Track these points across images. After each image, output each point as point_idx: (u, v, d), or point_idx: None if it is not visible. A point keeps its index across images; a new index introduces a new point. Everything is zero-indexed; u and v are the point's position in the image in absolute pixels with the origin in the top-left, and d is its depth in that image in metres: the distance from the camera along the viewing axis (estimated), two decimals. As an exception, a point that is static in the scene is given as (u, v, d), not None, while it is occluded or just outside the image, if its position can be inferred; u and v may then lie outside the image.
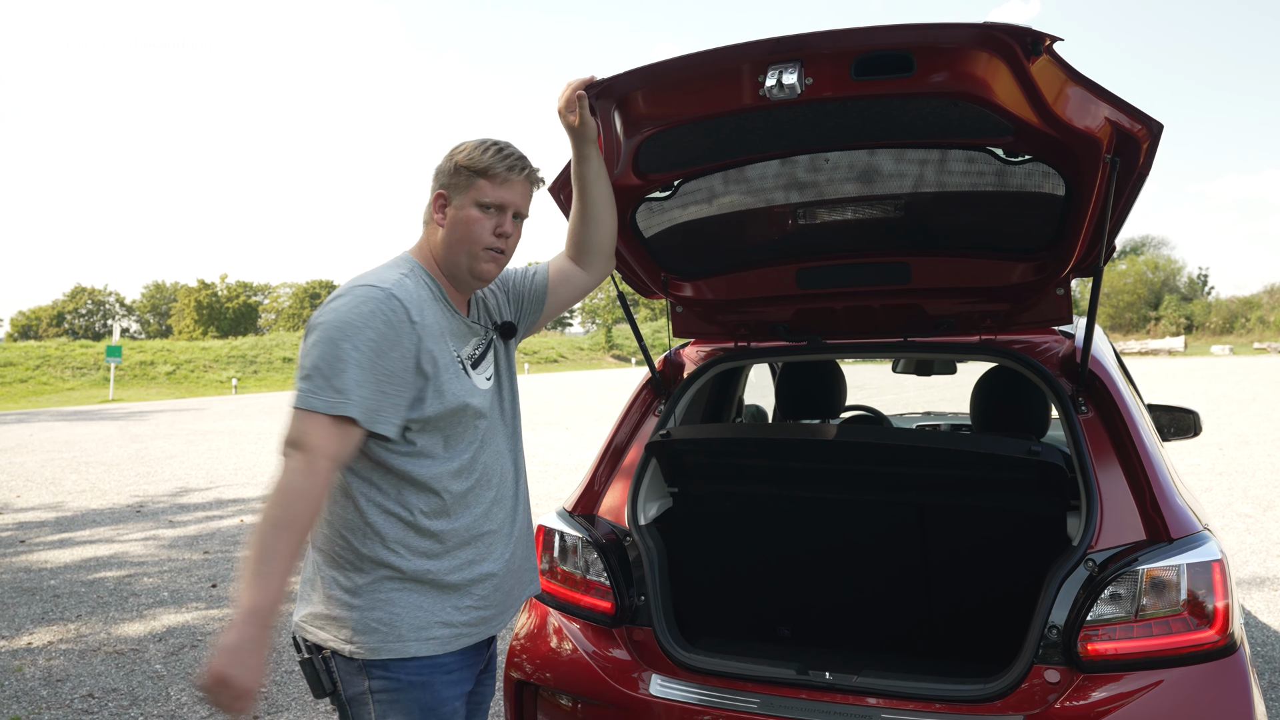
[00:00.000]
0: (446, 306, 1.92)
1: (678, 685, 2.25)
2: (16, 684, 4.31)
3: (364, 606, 1.80)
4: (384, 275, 1.85)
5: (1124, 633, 1.99)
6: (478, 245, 1.90)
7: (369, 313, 1.75)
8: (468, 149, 1.91)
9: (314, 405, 1.70)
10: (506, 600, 1.99)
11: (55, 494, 10.09)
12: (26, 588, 6.08)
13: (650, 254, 2.72)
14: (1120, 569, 2.01)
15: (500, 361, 2.06)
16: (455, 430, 1.87)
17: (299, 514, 1.66)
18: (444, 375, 1.84)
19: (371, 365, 1.73)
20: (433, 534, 1.85)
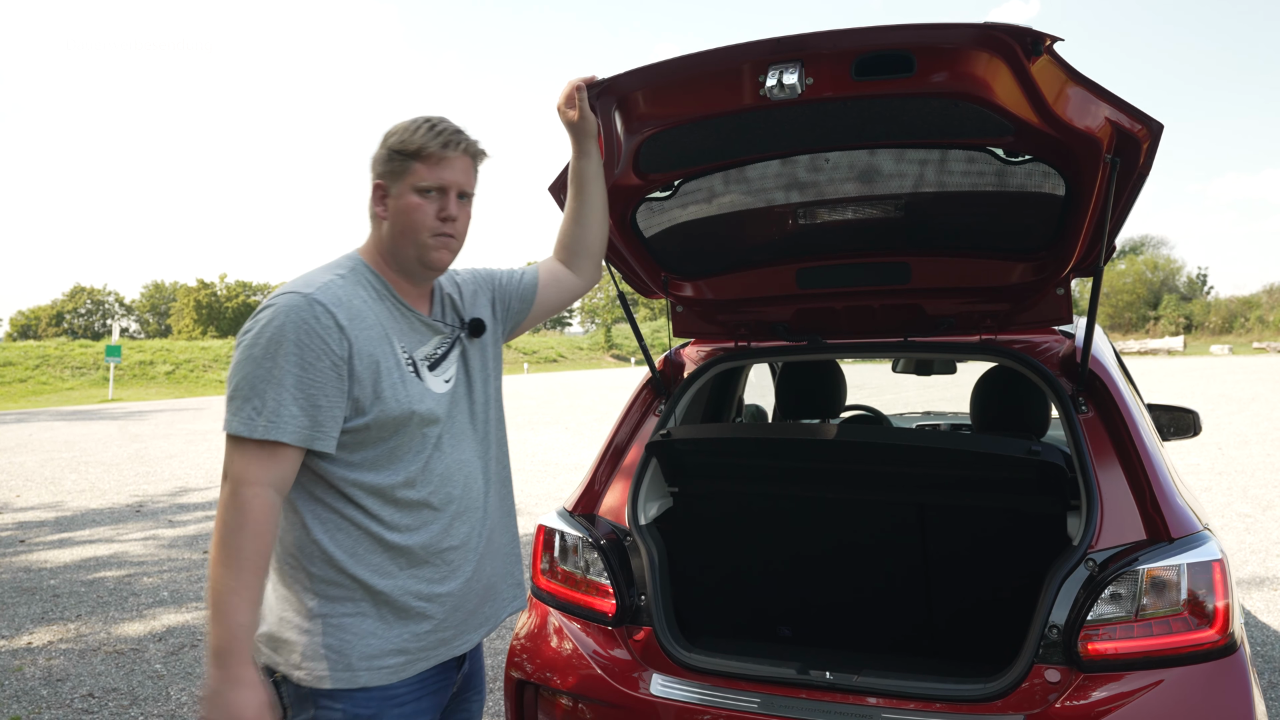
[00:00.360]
0: (395, 305, 1.80)
1: (678, 685, 2.25)
2: (17, 683, 4.31)
3: (314, 631, 1.70)
4: (312, 279, 1.72)
5: (1124, 632, 1.99)
6: (423, 233, 1.77)
7: (290, 324, 1.63)
8: (399, 131, 1.78)
9: (238, 430, 1.60)
10: (470, 621, 1.86)
11: (55, 494, 10.09)
12: (26, 587, 6.08)
13: (650, 254, 2.72)
14: (1121, 569, 2.01)
15: (470, 362, 1.93)
16: (402, 439, 1.74)
17: (242, 548, 1.57)
18: (385, 380, 1.71)
19: (298, 381, 1.62)
20: (386, 551, 1.73)
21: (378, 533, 1.72)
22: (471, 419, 1.90)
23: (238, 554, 1.57)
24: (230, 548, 1.58)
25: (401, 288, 1.84)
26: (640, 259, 2.73)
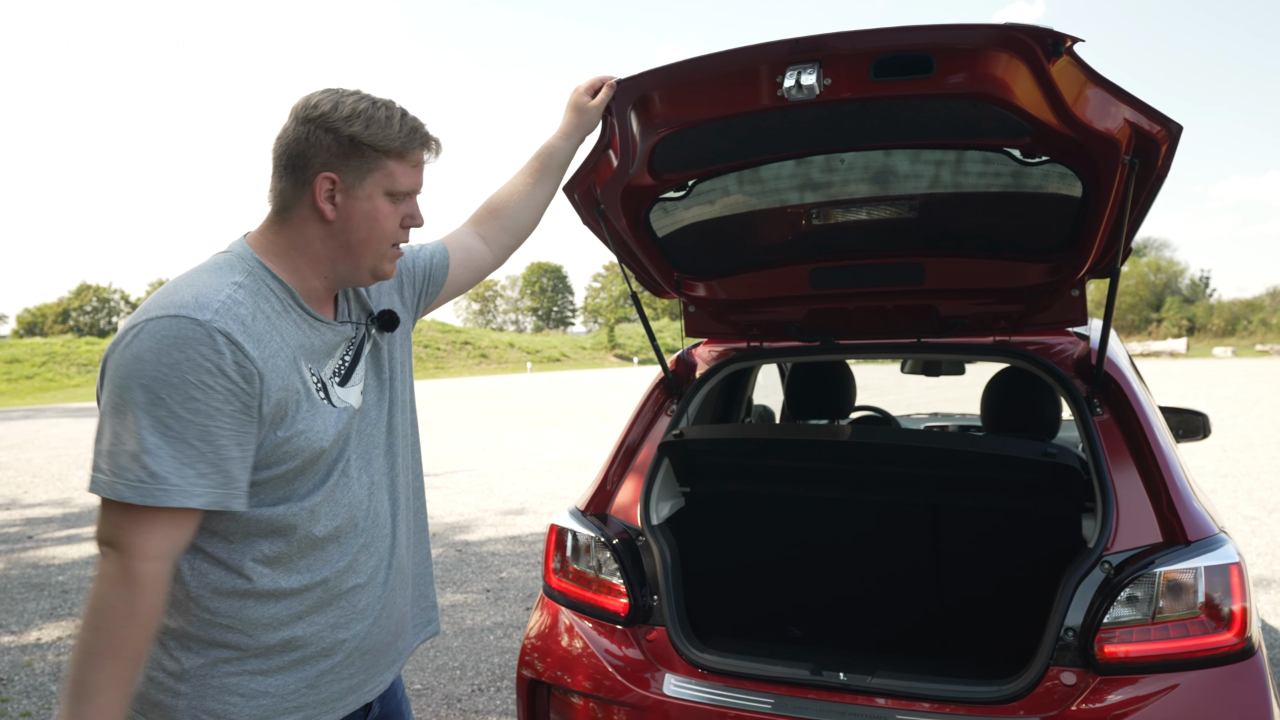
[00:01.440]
0: (302, 316, 1.47)
1: (691, 685, 2.25)
2: (26, 679, 4.32)
3: (191, 695, 1.42)
4: (207, 294, 1.36)
5: (1141, 635, 1.99)
6: (385, 244, 1.51)
7: (188, 361, 1.29)
8: (362, 117, 1.43)
9: (126, 497, 1.28)
10: (380, 662, 1.62)
11: (62, 490, 10.11)
12: (35, 583, 6.09)
13: (664, 254, 2.72)
14: (1137, 571, 2.01)
15: (380, 361, 1.63)
16: (309, 474, 1.46)
17: (121, 638, 1.28)
18: (295, 418, 1.41)
19: (202, 433, 1.30)
20: (280, 600, 1.45)
21: (270, 580, 1.44)
22: (384, 430, 1.62)
23: (119, 645, 1.29)
24: (114, 637, 1.28)
25: (314, 294, 1.51)
26: (654, 259, 2.73)
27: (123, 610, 1.29)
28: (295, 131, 1.45)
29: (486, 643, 4.76)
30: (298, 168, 1.45)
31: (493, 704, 3.97)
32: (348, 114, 1.43)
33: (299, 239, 1.48)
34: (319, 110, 1.44)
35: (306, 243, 1.48)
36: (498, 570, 6.27)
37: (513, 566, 6.36)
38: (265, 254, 1.48)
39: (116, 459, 1.30)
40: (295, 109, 1.47)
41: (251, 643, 1.44)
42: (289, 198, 1.47)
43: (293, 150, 1.45)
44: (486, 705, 3.96)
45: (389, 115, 1.47)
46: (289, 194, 1.47)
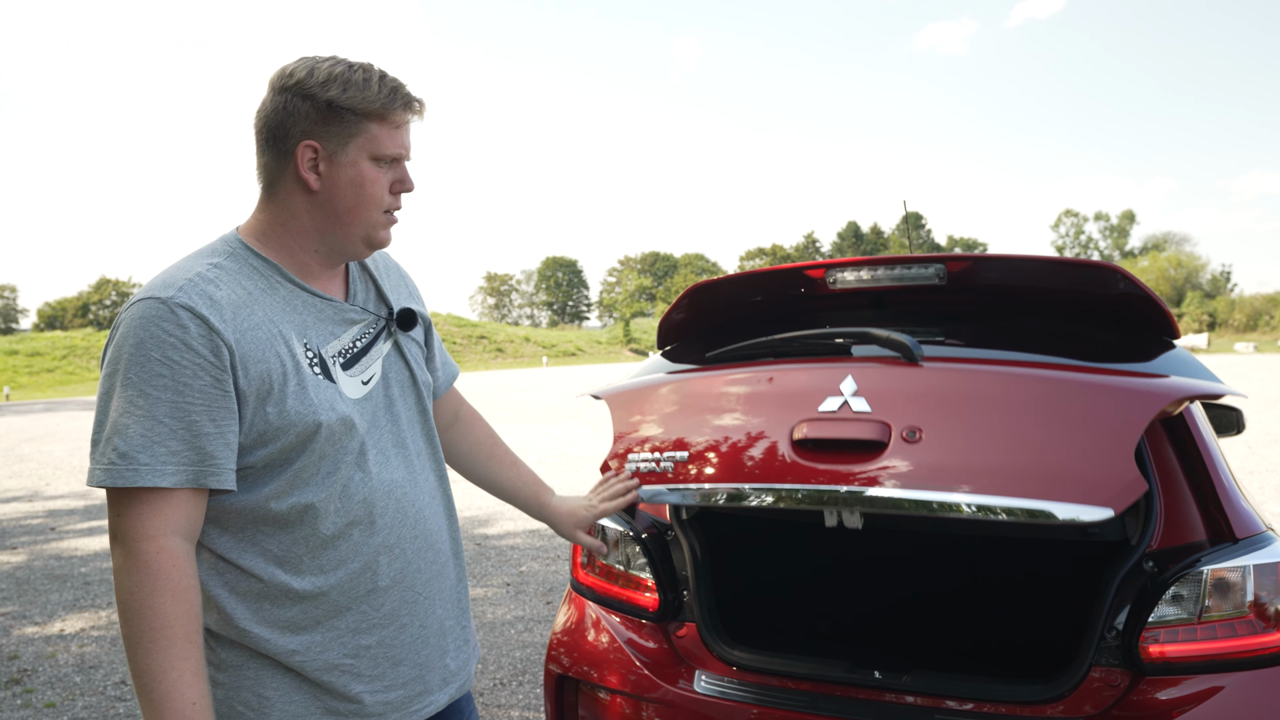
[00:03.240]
0: (295, 292, 1.44)
1: (723, 682, 2.21)
2: (51, 670, 4.34)
3: (229, 685, 1.41)
4: (174, 275, 1.35)
5: (1186, 635, 1.93)
6: (375, 211, 1.46)
7: (151, 338, 1.29)
8: (338, 81, 1.39)
9: (100, 480, 1.28)
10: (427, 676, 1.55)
11: (83, 482, 10.17)
12: (58, 574, 6.13)
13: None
14: (1182, 569, 1.96)
15: (407, 359, 1.59)
16: (308, 459, 1.39)
17: (164, 614, 1.27)
18: (280, 392, 1.37)
19: (171, 409, 1.28)
20: (296, 602, 1.41)
21: (284, 581, 1.40)
22: (418, 430, 1.58)
23: (160, 625, 1.27)
24: (148, 620, 1.27)
25: (308, 270, 1.47)
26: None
27: (141, 592, 1.28)
28: (273, 102, 1.42)
29: (508, 637, 4.74)
30: (278, 139, 1.42)
31: (514, 698, 3.96)
32: (324, 79, 1.40)
33: (285, 213, 1.45)
34: (294, 78, 1.41)
35: (293, 215, 1.45)
36: (517, 564, 6.26)
37: (532, 560, 6.35)
38: (251, 235, 1.46)
39: (96, 446, 1.31)
40: (272, 80, 1.44)
41: (269, 646, 1.41)
42: (273, 171, 1.44)
43: (272, 122, 1.42)
44: (509, 700, 3.95)
45: (366, 77, 1.42)
46: (272, 167, 1.44)
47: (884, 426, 1.90)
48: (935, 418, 1.88)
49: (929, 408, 1.90)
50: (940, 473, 1.84)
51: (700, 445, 2.09)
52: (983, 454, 1.85)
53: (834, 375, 2.00)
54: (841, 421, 1.93)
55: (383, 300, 1.60)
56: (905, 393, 1.94)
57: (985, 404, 1.90)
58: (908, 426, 1.88)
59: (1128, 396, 1.88)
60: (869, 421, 1.91)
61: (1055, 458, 1.82)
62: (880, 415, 1.91)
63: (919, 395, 1.93)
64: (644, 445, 2.17)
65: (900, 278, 2.39)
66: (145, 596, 1.27)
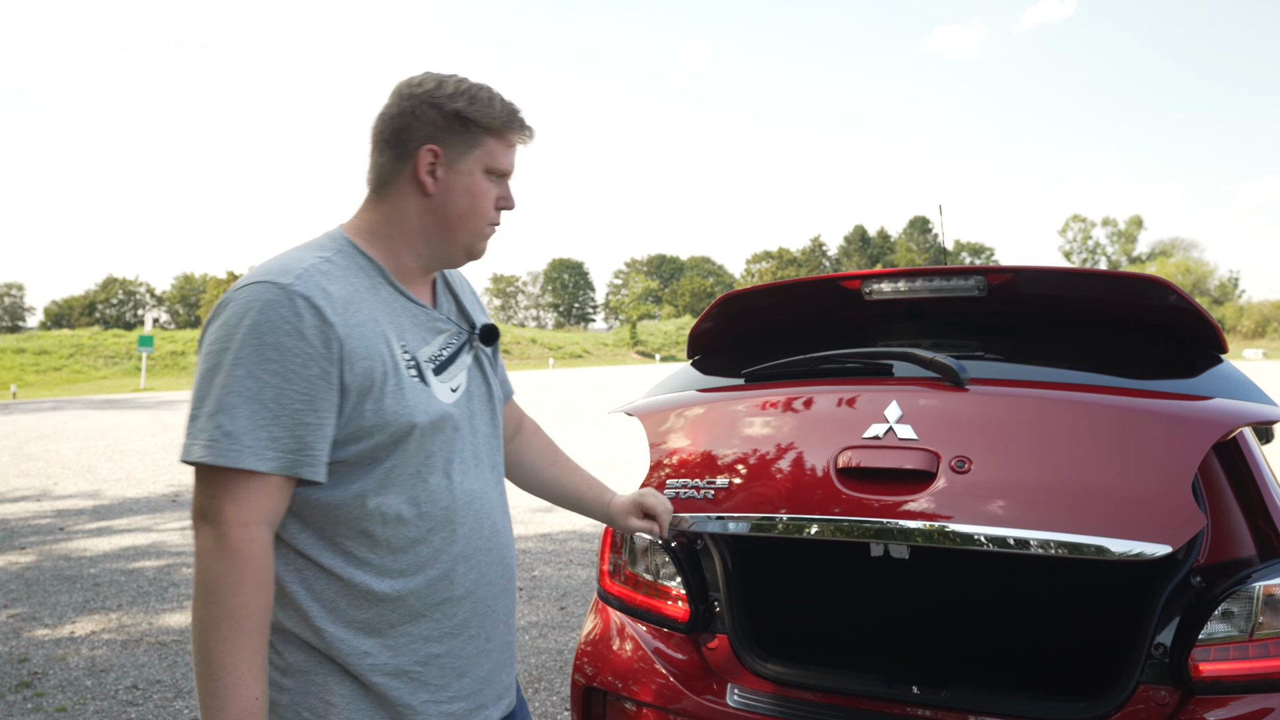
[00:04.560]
0: (394, 294, 1.47)
1: (755, 696, 2.16)
2: (61, 673, 4.30)
3: (295, 691, 1.39)
4: (290, 263, 1.37)
5: (1238, 653, 1.88)
6: (482, 222, 1.51)
7: (265, 322, 1.30)
8: (465, 94, 1.46)
9: (201, 457, 1.27)
10: (486, 691, 1.54)
11: (92, 482, 10.16)
12: (67, 575, 6.09)
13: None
14: (1232, 585, 1.90)
15: (486, 374, 1.61)
16: (399, 459, 1.41)
17: (246, 606, 1.26)
18: (380, 390, 1.38)
19: (278, 395, 1.29)
20: (373, 605, 1.40)
21: (364, 581, 1.39)
22: (494, 445, 1.59)
23: (240, 614, 1.26)
24: (228, 607, 1.25)
25: (407, 274, 1.51)
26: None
27: (229, 578, 1.27)
28: (399, 106, 1.47)
29: (522, 643, 4.69)
30: (401, 141, 1.46)
31: (531, 705, 3.90)
32: (452, 91, 1.46)
33: (395, 213, 1.49)
34: (423, 87, 1.47)
35: (403, 216, 1.49)
36: (529, 569, 6.21)
37: (544, 565, 6.30)
38: (358, 234, 1.49)
39: (197, 421, 1.30)
40: (398, 87, 1.50)
41: (345, 647, 1.40)
42: (389, 172, 1.48)
43: (397, 124, 1.47)
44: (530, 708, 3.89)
45: (490, 96, 1.49)
46: (389, 168, 1.48)
47: (932, 456, 1.84)
48: (983, 446, 1.83)
49: (976, 435, 1.85)
50: (990, 506, 1.79)
51: (743, 472, 2.03)
52: (1034, 486, 1.79)
53: (877, 400, 1.94)
54: (888, 450, 1.88)
55: (463, 314, 1.64)
56: (951, 419, 1.88)
57: (1035, 432, 1.84)
58: (956, 456, 1.82)
59: (1184, 425, 1.82)
60: (916, 450, 1.86)
61: (1109, 489, 1.76)
62: (927, 443, 1.85)
63: (965, 422, 1.87)
64: (684, 470, 2.11)
65: (939, 289, 2.34)
66: (231, 583, 1.26)
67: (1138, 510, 1.73)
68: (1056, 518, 1.75)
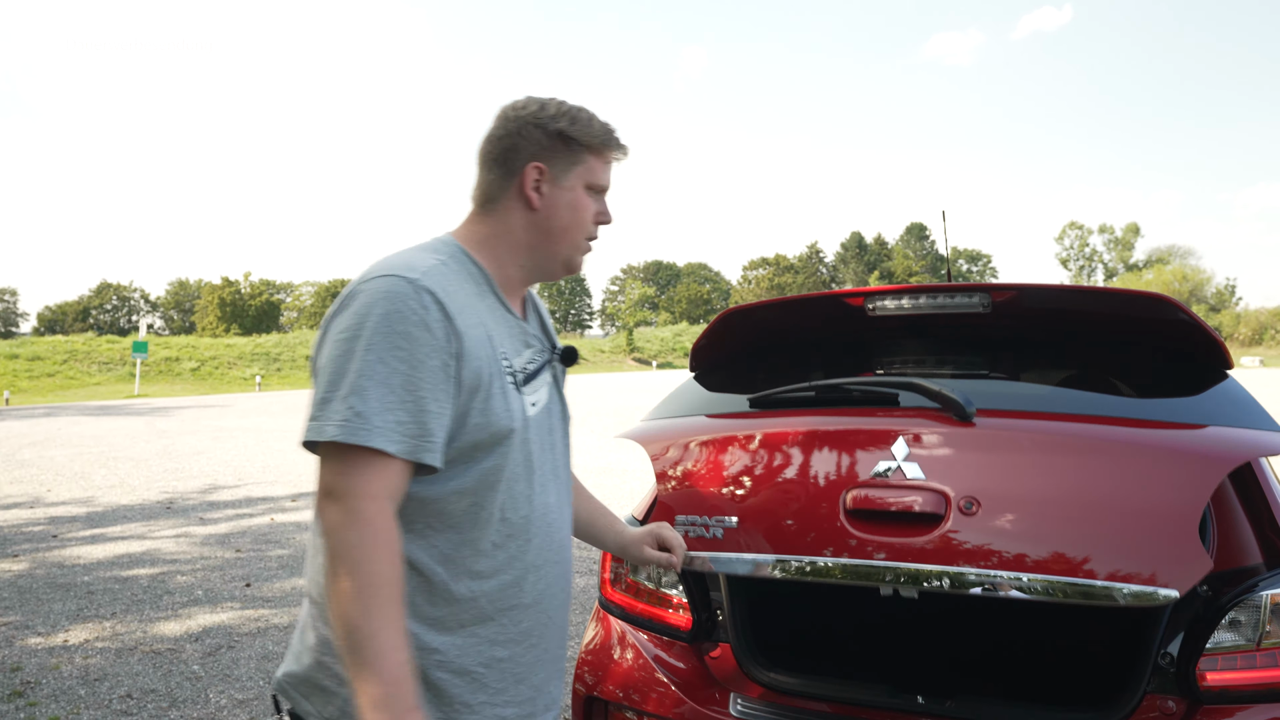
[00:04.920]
0: (496, 303, 1.55)
1: (759, 706, 2.14)
2: (54, 682, 4.25)
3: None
4: (413, 261, 1.45)
5: (1245, 662, 1.86)
6: (581, 236, 1.60)
7: (395, 313, 1.36)
8: (567, 115, 1.57)
9: (333, 435, 1.32)
10: (537, 701, 1.58)
11: (85, 489, 10.11)
12: (61, 583, 6.04)
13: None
14: (1240, 594, 1.88)
15: (562, 394, 1.70)
16: (495, 461, 1.47)
17: (381, 574, 1.31)
18: (488, 389, 1.45)
19: (405, 381, 1.35)
20: (449, 603, 1.45)
21: (444, 579, 1.45)
22: (559, 458, 1.65)
23: (377, 581, 1.30)
24: (366, 575, 1.30)
25: (509, 285, 1.59)
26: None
27: (364, 547, 1.31)
28: (505, 128, 1.58)
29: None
30: (508, 160, 1.57)
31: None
32: (554, 112, 1.57)
33: (501, 226, 1.58)
34: (528, 110, 1.58)
35: (509, 230, 1.58)
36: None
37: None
38: (467, 242, 1.58)
39: (329, 404, 1.35)
40: (503, 110, 1.60)
41: (416, 641, 1.43)
42: (495, 188, 1.58)
43: (504, 144, 1.57)
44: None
45: (589, 116, 1.60)
46: (496, 185, 1.58)
47: (940, 497, 1.85)
48: (990, 487, 1.83)
49: (983, 475, 1.84)
50: (998, 549, 1.80)
51: (752, 509, 2.03)
52: (1041, 528, 1.80)
53: (884, 435, 1.93)
54: (896, 489, 1.88)
55: (545, 333, 1.72)
56: (958, 458, 1.87)
57: (1041, 471, 1.83)
58: (964, 498, 1.83)
59: (1189, 463, 1.81)
60: (924, 492, 1.86)
61: (1116, 531, 1.77)
62: (935, 482, 1.85)
63: (972, 460, 1.87)
64: (693, 505, 2.11)
65: (943, 306, 2.32)
66: (368, 551, 1.31)
67: (1145, 553, 1.74)
68: (1064, 561, 1.77)
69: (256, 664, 4.50)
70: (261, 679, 4.30)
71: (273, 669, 4.44)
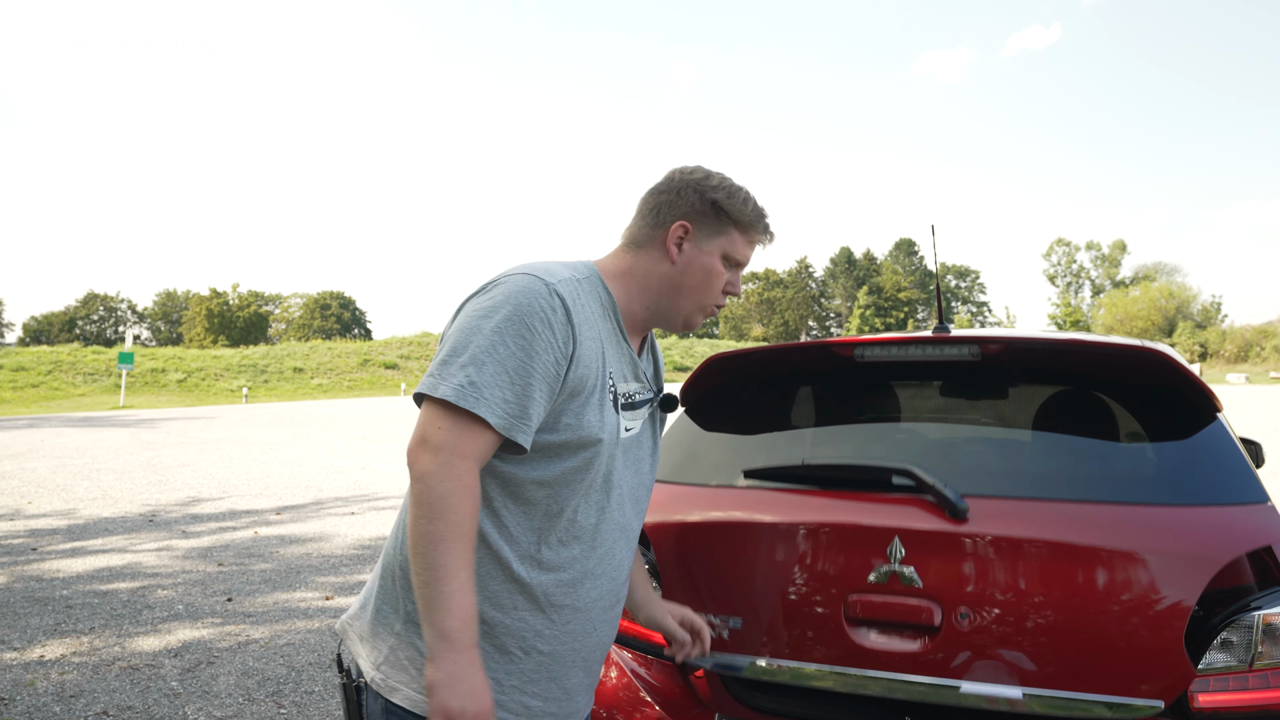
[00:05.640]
0: (616, 329, 1.68)
1: (744, 727, 2.10)
2: (29, 699, 4.17)
3: (404, 636, 1.58)
4: (553, 269, 1.60)
5: (1237, 683, 1.83)
6: (708, 299, 1.72)
7: (527, 305, 1.51)
8: (725, 189, 1.70)
9: (446, 395, 1.46)
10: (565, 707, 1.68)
11: (67, 501, 9.99)
12: (38, 597, 5.95)
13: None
14: (1232, 614, 1.86)
15: (656, 432, 1.82)
16: (576, 461, 1.59)
17: (464, 521, 1.45)
18: (588, 396, 1.58)
19: (520, 365, 1.49)
20: (508, 582, 1.58)
21: (507, 559, 1.57)
22: (638, 486, 1.75)
23: (462, 529, 1.45)
24: (453, 522, 1.44)
25: (631, 321, 1.73)
26: None
27: (454, 497, 1.44)
28: (669, 185, 1.72)
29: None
30: (661, 212, 1.70)
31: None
32: (716, 184, 1.71)
33: (640, 268, 1.71)
34: (694, 175, 1.72)
35: (645, 273, 1.71)
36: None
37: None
38: (605, 271, 1.71)
39: (448, 366, 1.50)
40: (674, 171, 1.75)
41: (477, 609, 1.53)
42: (644, 235, 1.72)
43: (663, 199, 1.71)
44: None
45: (746, 197, 1.73)
46: (644, 232, 1.72)
47: (935, 608, 1.90)
48: (982, 595, 1.90)
49: (975, 583, 1.91)
50: (990, 662, 1.88)
51: (752, 608, 2.09)
52: (1031, 639, 1.86)
53: (881, 535, 1.97)
54: (893, 597, 1.94)
55: (657, 376, 1.85)
56: (951, 563, 1.92)
57: (1031, 578, 1.88)
58: (957, 608, 1.89)
59: (1176, 565, 1.83)
60: (921, 600, 1.92)
61: (1104, 642, 1.82)
62: (930, 592, 1.91)
63: (964, 567, 1.92)
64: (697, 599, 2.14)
65: (931, 355, 2.34)
66: (456, 501, 1.44)
67: (1132, 665, 1.80)
68: (1052, 674, 1.84)
69: (235, 680, 4.43)
70: (241, 696, 4.23)
71: (252, 685, 4.37)
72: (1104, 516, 1.93)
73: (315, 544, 7.75)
